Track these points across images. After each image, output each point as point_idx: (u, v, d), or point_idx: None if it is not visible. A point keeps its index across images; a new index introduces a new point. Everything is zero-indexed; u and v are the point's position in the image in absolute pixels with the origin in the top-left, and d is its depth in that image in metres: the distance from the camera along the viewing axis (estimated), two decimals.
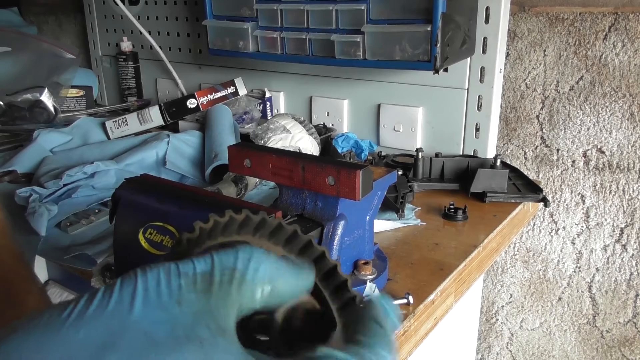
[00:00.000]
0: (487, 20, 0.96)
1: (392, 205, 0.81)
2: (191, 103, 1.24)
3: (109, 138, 1.21)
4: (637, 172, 0.95)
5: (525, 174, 0.98)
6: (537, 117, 1.03)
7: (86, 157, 1.03)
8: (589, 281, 1.05)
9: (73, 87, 1.41)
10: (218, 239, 0.32)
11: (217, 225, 0.32)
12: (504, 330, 1.20)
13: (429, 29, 0.85)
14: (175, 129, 1.23)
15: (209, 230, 0.32)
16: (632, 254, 0.99)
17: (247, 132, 1.09)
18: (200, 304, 0.24)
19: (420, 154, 0.95)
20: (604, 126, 0.96)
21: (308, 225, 0.57)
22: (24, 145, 1.11)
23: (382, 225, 0.79)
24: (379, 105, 1.12)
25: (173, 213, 0.45)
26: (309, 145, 0.97)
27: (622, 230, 0.99)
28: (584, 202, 1.01)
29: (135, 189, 0.49)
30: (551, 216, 1.06)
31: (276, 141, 0.95)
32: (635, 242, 0.98)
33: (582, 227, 1.03)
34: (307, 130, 0.99)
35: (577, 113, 0.98)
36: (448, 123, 1.05)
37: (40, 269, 0.99)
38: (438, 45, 0.85)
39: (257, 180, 0.90)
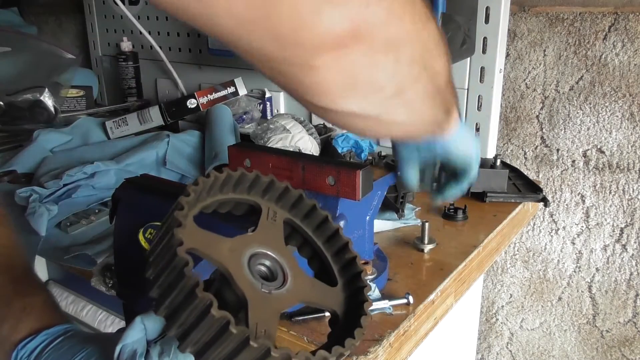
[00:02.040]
0: (487, 20, 0.96)
1: (392, 205, 0.81)
2: (191, 103, 1.24)
3: (109, 138, 1.21)
4: (637, 172, 0.95)
5: (525, 174, 0.98)
6: (537, 117, 1.03)
7: (86, 157, 1.03)
8: (589, 281, 1.05)
9: (73, 87, 1.41)
10: (229, 194, 0.34)
11: (229, 179, 0.34)
12: (504, 330, 1.20)
13: None
14: (175, 129, 1.22)
15: (220, 184, 0.33)
16: (632, 254, 0.99)
17: (247, 132, 1.09)
18: None
19: None
20: (604, 126, 0.96)
21: None
22: (24, 145, 1.11)
23: (382, 225, 0.79)
24: None
25: None
26: (309, 145, 0.97)
27: (622, 230, 0.99)
28: (584, 202, 1.01)
29: (135, 189, 0.49)
30: (551, 216, 1.06)
31: (276, 141, 0.95)
32: (635, 242, 0.98)
33: (582, 227, 1.03)
34: (307, 130, 0.99)
35: (577, 113, 0.98)
36: None
37: (40, 269, 0.99)
38: None
39: None
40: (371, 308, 0.58)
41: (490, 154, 1.03)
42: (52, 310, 0.44)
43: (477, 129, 1.02)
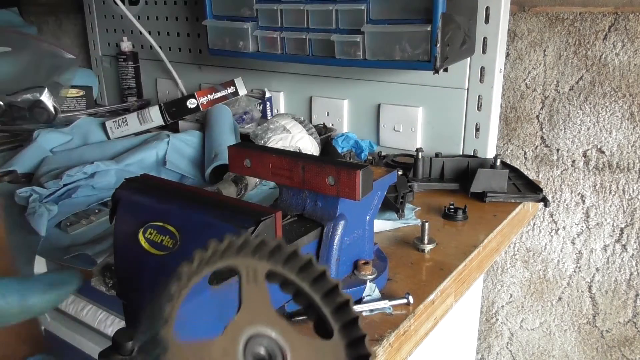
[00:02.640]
0: (487, 20, 0.96)
1: (392, 205, 0.81)
2: (191, 103, 1.24)
3: (109, 138, 1.21)
4: (637, 172, 0.95)
5: (525, 174, 0.98)
6: (537, 117, 1.03)
7: (86, 157, 1.03)
8: (589, 281, 1.05)
9: (73, 87, 1.41)
10: (217, 264, 0.32)
11: (216, 252, 0.31)
12: (504, 330, 1.20)
13: (429, 29, 0.85)
14: (175, 129, 1.23)
15: (208, 257, 0.31)
16: (632, 254, 0.99)
17: (247, 132, 1.09)
18: None
19: (420, 154, 0.95)
20: (604, 126, 0.96)
21: (308, 225, 0.57)
22: (24, 145, 1.11)
23: (382, 225, 0.79)
24: (379, 105, 1.12)
25: (173, 213, 0.45)
26: (309, 145, 0.97)
27: (622, 230, 0.99)
28: (584, 202, 1.02)
29: (135, 189, 0.49)
30: (551, 216, 1.06)
31: (276, 141, 0.95)
32: (635, 242, 0.98)
33: (582, 227, 1.03)
34: (307, 130, 0.99)
35: (577, 113, 0.98)
36: (448, 123, 1.05)
37: (40, 269, 0.99)
38: (438, 45, 0.85)
39: (257, 180, 0.90)
40: (371, 308, 0.58)
41: (490, 154, 1.03)
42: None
43: (477, 129, 1.02)
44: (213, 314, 0.43)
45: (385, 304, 0.58)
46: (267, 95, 1.27)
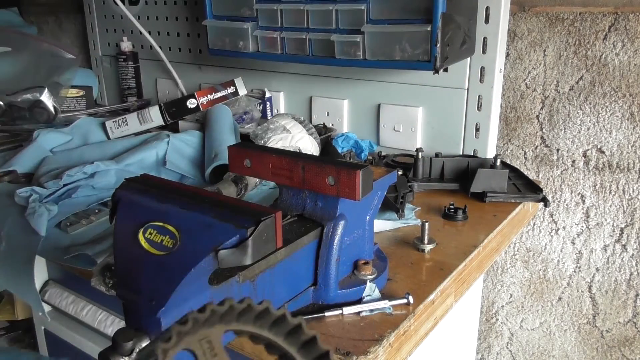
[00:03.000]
0: (487, 20, 0.96)
1: (392, 205, 0.81)
2: (191, 103, 1.24)
3: (109, 138, 1.21)
4: (637, 172, 0.95)
5: (525, 174, 0.98)
6: (537, 117, 1.03)
7: (86, 157, 1.03)
8: (589, 281, 1.05)
9: (73, 87, 1.41)
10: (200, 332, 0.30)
11: (197, 321, 0.30)
12: (504, 330, 1.20)
13: (429, 29, 0.85)
14: (175, 129, 1.23)
15: (190, 327, 0.29)
16: (632, 254, 0.99)
17: (247, 132, 1.09)
18: None
19: (420, 154, 0.95)
20: (604, 126, 0.96)
21: (308, 225, 0.57)
22: (24, 145, 1.11)
23: (382, 225, 0.79)
24: (379, 105, 1.12)
25: (173, 213, 0.45)
26: (309, 145, 0.97)
27: (622, 230, 0.99)
28: (584, 202, 1.02)
29: (135, 189, 0.49)
30: (551, 216, 1.06)
31: (276, 141, 0.95)
32: (635, 242, 0.98)
33: (582, 227, 1.03)
34: (307, 130, 0.99)
35: (577, 113, 0.98)
36: (448, 123, 1.05)
37: (40, 269, 0.99)
38: (438, 45, 0.85)
39: (257, 180, 0.90)
40: (371, 308, 0.58)
41: (490, 154, 1.03)
42: None
43: (477, 129, 1.02)
44: None
45: (385, 304, 0.58)
46: (267, 95, 1.27)
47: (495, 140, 1.05)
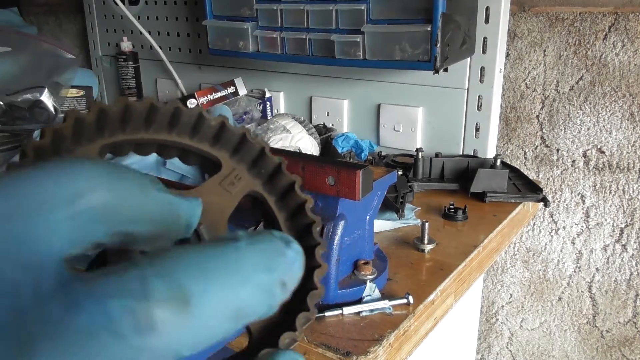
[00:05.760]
0: (487, 20, 0.96)
1: (392, 205, 0.81)
2: (191, 103, 1.24)
3: None
4: (637, 172, 0.95)
5: (525, 174, 0.98)
6: (537, 117, 1.03)
7: None
8: (589, 281, 1.05)
9: (73, 87, 1.41)
10: (174, 137, 0.25)
11: (175, 115, 0.25)
12: (504, 330, 1.20)
13: (429, 29, 0.85)
14: None
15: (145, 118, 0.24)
16: (632, 254, 0.99)
17: None
18: None
19: (420, 154, 0.95)
20: (604, 126, 0.96)
21: None
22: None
23: (382, 225, 0.79)
24: (379, 105, 1.12)
25: None
26: (309, 145, 0.97)
27: (622, 230, 0.99)
28: (584, 202, 1.01)
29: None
30: (551, 216, 1.06)
31: (276, 141, 0.95)
32: (635, 242, 0.98)
33: (582, 227, 1.03)
34: (307, 130, 0.99)
35: (577, 113, 0.98)
36: (448, 123, 1.05)
37: None
38: (438, 45, 0.85)
39: None
40: (371, 308, 0.58)
41: (490, 154, 1.03)
42: None
43: (477, 129, 1.02)
44: None
45: (385, 304, 0.58)
46: (267, 95, 1.27)
47: (495, 140, 1.05)
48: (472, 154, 1.04)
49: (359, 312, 0.57)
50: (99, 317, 0.14)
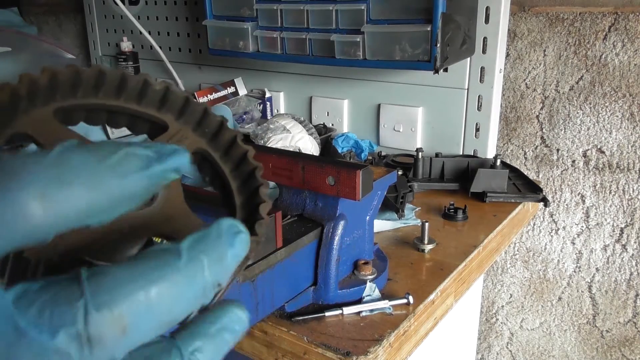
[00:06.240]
0: (487, 20, 0.96)
1: (392, 205, 0.81)
2: None
3: (109, 138, 1.21)
4: (637, 172, 0.95)
5: (525, 174, 0.98)
6: (537, 117, 1.03)
7: None
8: (589, 281, 1.05)
9: None
10: (121, 102, 0.26)
11: (122, 82, 0.26)
12: (504, 330, 1.20)
13: (429, 29, 0.85)
14: None
15: (94, 84, 0.25)
16: (632, 254, 0.99)
17: (247, 132, 1.09)
18: None
19: (420, 154, 0.95)
20: (604, 126, 0.96)
21: (308, 225, 0.57)
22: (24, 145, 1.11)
23: (382, 225, 0.79)
24: (379, 105, 1.12)
25: None
26: (309, 145, 0.97)
27: (622, 230, 0.99)
28: (584, 202, 1.01)
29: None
30: (551, 216, 1.06)
31: (276, 141, 0.95)
32: (635, 242, 0.98)
33: (582, 227, 1.03)
34: (307, 130, 0.99)
35: (577, 113, 0.98)
36: (448, 123, 1.05)
37: None
38: (438, 45, 0.85)
39: None
40: (371, 308, 0.58)
41: (490, 154, 1.03)
42: None
43: (477, 129, 1.02)
44: None
45: (385, 304, 0.58)
46: (267, 95, 1.27)
47: (495, 140, 1.05)
48: (472, 154, 1.04)
49: (359, 312, 0.57)
50: (49, 347, 0.17)
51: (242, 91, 1.28)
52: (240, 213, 0.30)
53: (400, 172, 0.88)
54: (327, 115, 1.20)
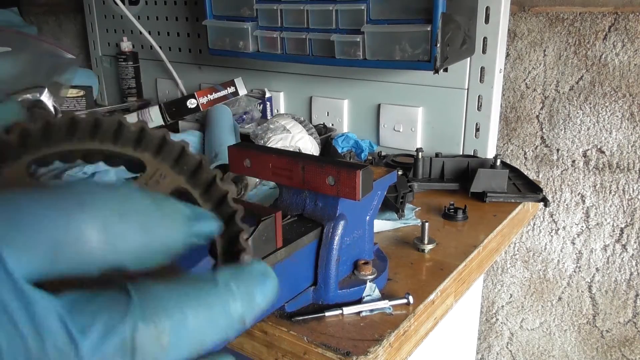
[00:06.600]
0: (487, 20, 0.96)
1: (392, 205, 0.81)
2: (191, 103, 1.24)
3: None
4: (637, 172, 0.95)
5: (525, 174, 0.98)
6: (537, 117, 1.03)
7: None
8: (589, 281, 1.05)
9: (73, 87, 1.41)
10: (97, 144, 0.27)
11: (97, 125, 0.26)
12: (504, 330, 1.20)
13: (429, 29, 0.85)
14: (176, 129, 1.23)
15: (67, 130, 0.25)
16: (632, 254, 0.99)
17: (247, 132, 1.09)
18: None
19: (420, 154, 0.95)
20: (604, 126, 0.96)
21: (308, 225, 0.57)
22: None
23: (382, 225, 0.79)
24: (379, 105, 1.12)
25: None
26: (309, 145, 0.97)
27: (622, 230, 0.99)
28: (584, 202, 1.01)
29: None
30: (551, 216, 1.06)
31: (276, 141, 0.95)
32: (635, 242, 0.98)
33: (582, 227, 1.03)
34: (307, 130, 0.99)
35: (577, 113, 0.98)
36: (448, 123, 1.05)
37: None
38: (438, 45, 0.85)
39: (257, 180, 0.90)
40: (371, 308, 0.58)
41: (490, 154, 1.03)
42: None
43: (477, 129, 1.02)
44: None
45: (385, 304, 0.58)
46: (267, 95, 1.27)
47: (495, 140, 1.05)
48: (472, 154, 1.04)
49: (359, 312, 0.57)
50: (95, 354, 0.18)
51: (242, 91, 1.28)
52: (222, 260, 0.30)
53: (400, 172, 0.88)
54: (327, 115, 1.20)
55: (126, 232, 0.20)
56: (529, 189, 0.91)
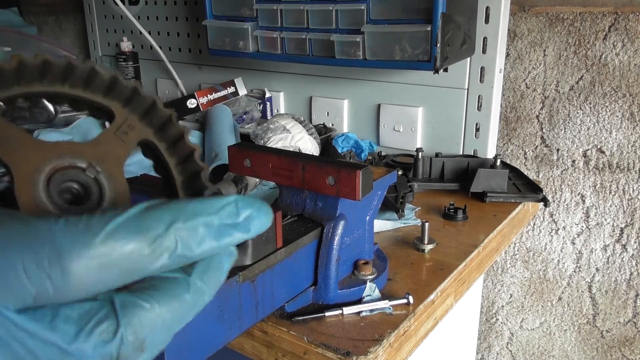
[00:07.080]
0: (487, 20, 0.96)
1: (392, 205, 0.81)
2: (191, 103, 1.24)
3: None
4: (637, 172, 0.95)
5: (525, 174, 0.98)
6: (537, 117, 1.03)
7: None
8: (589, 281, 1.05)
9: None
10: (67, 89, 0.27)
11: (68, 69, 0.26)
12: (504, 330, 1.20)
13: (429, 29, 0.85)
14: None
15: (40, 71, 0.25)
16: (632, 254, 0.99)
17: (247, 132, 1.09)
18: None
19: (420, 154, 0.95)
20: (604, 126, 0.96)
21: (308, 225, 0.57)
22: None
23: (382, 225, 0.79)
24: (379, 105, 1.12)
25: None
26: (309, 145, 0.97)
27: (622, 230, 0.99)
28: (584, 202, 1.02)
29: (135, 189, 0.49)
30: (551, 216, 1.06)
31: (276, 141, 0.95)
32: (635, 242, 0.98)
33: (582, 227, 1.03)
34: (307, 130, 0.99)
35: (577, 113, 0.98)
36: (448, 123, 1.05)
37: None
38: (438, 45, 0.85)
39: (257, 180, 0.90)
40: (371, 308, 0.58)
41: (490, 154, 1.03)
42: None
43: (477, 129, 1.02)
44: (213, 315, 0.43)
45: (385, 304, 0.58)
46: (267, 95, 1.27)
47: (495, 140, 1.05)
48: (472, 154, 1.04)
49: (359, 312, 0.57)
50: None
51: (242, 91, 1.28)
52: (183, 194, 0.31)
53: (400, 172, 0.88)
54: (327, 115, 1.20)
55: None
56: (529, 189, 0.91)
